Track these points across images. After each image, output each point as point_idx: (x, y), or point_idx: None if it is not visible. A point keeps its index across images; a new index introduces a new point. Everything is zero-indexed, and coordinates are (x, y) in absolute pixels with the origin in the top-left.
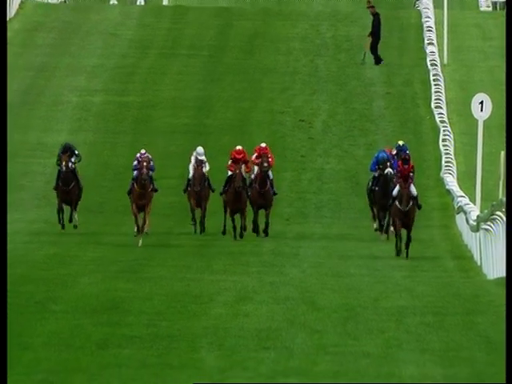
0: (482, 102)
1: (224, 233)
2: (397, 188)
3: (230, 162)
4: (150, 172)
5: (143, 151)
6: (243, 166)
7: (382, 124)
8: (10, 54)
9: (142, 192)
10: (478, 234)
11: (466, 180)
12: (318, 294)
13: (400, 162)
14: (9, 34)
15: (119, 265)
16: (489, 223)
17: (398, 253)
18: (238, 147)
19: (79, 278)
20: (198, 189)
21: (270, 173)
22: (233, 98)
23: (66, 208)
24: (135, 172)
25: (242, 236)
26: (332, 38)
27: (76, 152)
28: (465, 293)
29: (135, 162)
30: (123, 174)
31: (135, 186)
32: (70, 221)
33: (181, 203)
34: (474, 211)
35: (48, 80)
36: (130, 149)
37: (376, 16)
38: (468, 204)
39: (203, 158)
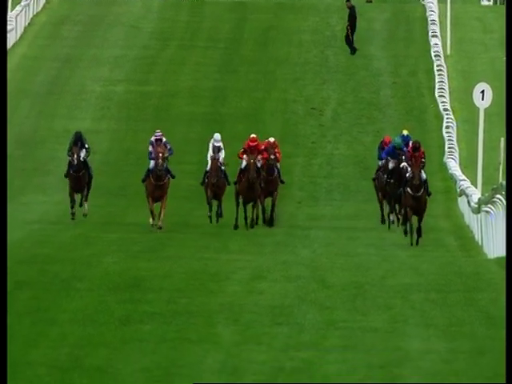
0: (483, 91)
1: (236, 227)
2: (408, 175)
3: (241, 151)
4: (168, 154)
5: (158, 131)
6: (259, 157)
7: (388, 112)
8: (37, 45)
9: (157, 184)
10: (479, 215)
11: (468, 165)
12: (327, 272)
13: (410, 149)
14: (36, 27)
15: (140, 245)
16: (489, 205)
17: (405, 233)
18: (253, 135)
19: (103, 257)
20: (214, 180)
21: (278, 164)
22: (247, 87)
23: (77, 197)
24: (151, 162)
25: (252, 226)
26: (341, 30)
27: (86, 145)
28: (466, 271)
29: (150, 148)
30: (144, 160)
31: (151, 177)
32: (81, 205)
33: (199, 187)
34: (476, 194)
35: (73, 71)
36: (150, 135)
37: (352, 9)
38: (470, 187)
39: (220, 144)
